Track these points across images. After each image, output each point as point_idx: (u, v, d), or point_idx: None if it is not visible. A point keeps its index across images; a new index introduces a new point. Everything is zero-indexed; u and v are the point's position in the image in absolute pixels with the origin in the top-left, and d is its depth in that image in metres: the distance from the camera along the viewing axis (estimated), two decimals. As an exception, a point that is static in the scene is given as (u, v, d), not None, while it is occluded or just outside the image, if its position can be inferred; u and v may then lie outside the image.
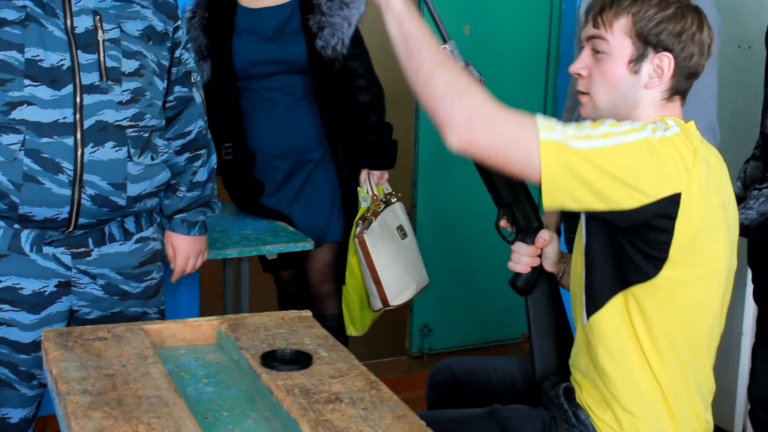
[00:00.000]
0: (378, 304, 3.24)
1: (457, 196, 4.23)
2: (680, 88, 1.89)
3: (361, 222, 3.23)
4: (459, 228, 4.26)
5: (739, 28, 3.20)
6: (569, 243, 3.27)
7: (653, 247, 1.76)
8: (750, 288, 2.84)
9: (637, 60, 1.85)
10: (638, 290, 1.82)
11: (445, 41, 2.03)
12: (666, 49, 1.84)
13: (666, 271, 1.78)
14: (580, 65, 1.92)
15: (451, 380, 2.31)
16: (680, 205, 1.73)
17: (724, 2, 3.11)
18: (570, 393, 1.97)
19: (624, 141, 1.73)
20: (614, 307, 1.85)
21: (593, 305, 1.88)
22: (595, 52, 1.89)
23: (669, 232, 1.74)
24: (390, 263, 3.22)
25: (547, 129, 1.73)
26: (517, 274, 2.13)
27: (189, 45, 2.48)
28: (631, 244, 1.77)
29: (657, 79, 1.86)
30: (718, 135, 2.85)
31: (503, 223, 2.14)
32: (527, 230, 2.10)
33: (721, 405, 3.35)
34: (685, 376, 1.87)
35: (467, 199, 4.24)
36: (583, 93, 1.94)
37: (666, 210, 1.73)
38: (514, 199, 2.09)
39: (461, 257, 4.25)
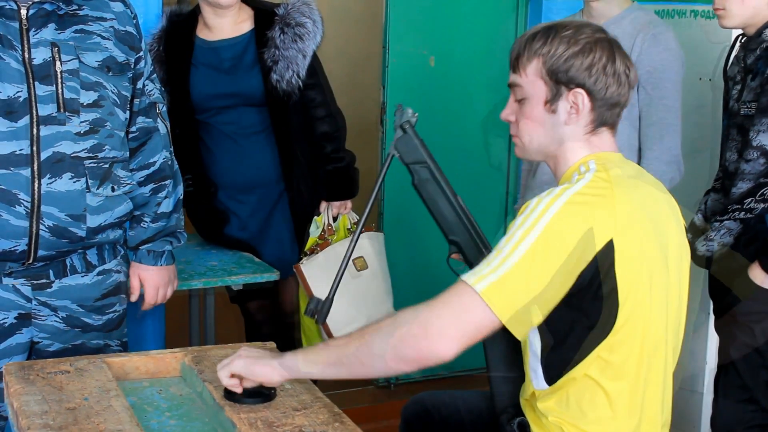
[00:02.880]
0: (325, 336, 3.24)
1: (423, 225, 4.22)
2: (604, 119, 1.90)
3: (309, 252, 3.23)
4: (425, 256, 4.26)
5: (699, 60, 3.25)
6: None
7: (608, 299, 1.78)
8: (713, 319, 2.87)
9: (552, 100, 1.88)
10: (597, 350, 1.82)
11: None
12: (578, 84, 1.86)
13: (619, 319, 1.79)
14: (508, 111, 1.97)
15: (422, 413, 2.30)
16: (615, 250, 1.75)
17: (684, 36, 3.16)
18: (524, 428, 1.97)
19: (530, 245, 1.73)
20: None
21: (550, 378, 1.88)
22: (516, 98, 1.94)
23: (614, 278, 1.76)
24: None
25: (479, 278, 1.76)
26: None
27: (154, 76, 2.48)
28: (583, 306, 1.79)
29: (575, 116, 1.88)
30: (682, 168, 2.88)
31: (455, 256, 2.15)
32: (477, 264, 2.10)
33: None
34: (637, 407, 1.88)
35: (434, 227, 4.23)
36: (513, 135, 1.99)
37: (606, 259, 1.75)
38: (461, 234, 2.11)
39: (428, 287, 4.21)
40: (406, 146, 2.12)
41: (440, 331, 1.74)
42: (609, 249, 1.75)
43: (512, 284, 1.73)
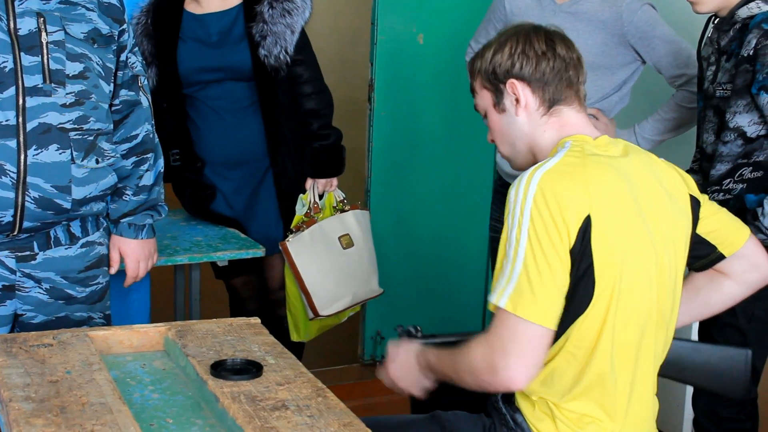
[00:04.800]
0: (310, 313, 3.24)
1: (410, 204, 4.25)
2: (553, 98, 1.95)
3: (295, 229, 3.23)
4: (412, 235, 4.28)
5: (685, 37, 3.24)
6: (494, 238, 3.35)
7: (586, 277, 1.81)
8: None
9: (497, 101, 2.00)
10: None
11: None
12: (509, 76, 1.95)
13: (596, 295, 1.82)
14: (489, 134, 2.08)
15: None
16: (592, 225, 1.77)
17: (668, 11, 3.17)
18: (509, 398, 1.99)
19: (523, 248, 1.78)
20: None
21: None
22: (484, 116, 2.06)
23: (590, 254, 1.78)
24: (318, 272, 3.22)
25: (509, 299, 1.79)
26: None
27: (136, 49, 2.47)
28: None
29: (521, 105, 1.96)
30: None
31: None
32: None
33: (669, 415, 3.39)
34: (624, 385, 1.89)
35: (421, 206, 4.26)
36: (500, 152, 2.09)
37: (585, 235, 1.77)
38: None
39: (415, 265, 4.26)
40: None
41: (504, 368, 1.80)
42: (587, 225, 1.77)
43: (531, 286, 1.77)
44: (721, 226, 2.07)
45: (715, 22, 2.69)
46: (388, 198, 4.19)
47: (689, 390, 3.25)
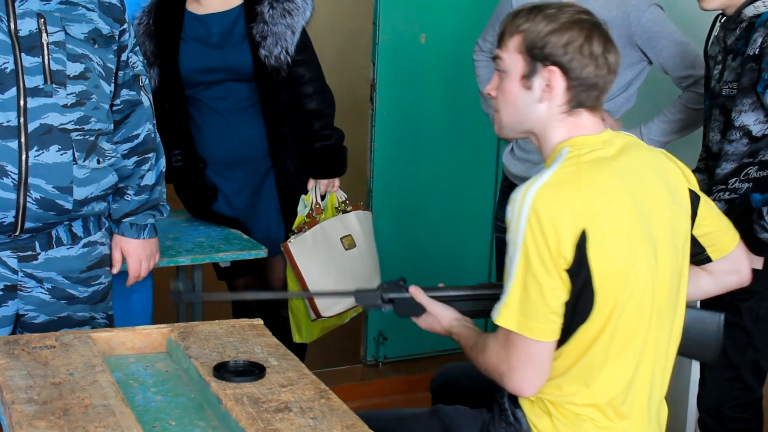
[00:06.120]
0: (312, 314, 3.23)
1: (413, 204, 4.24)
2: (581, 100, 1.90)
3: (297, 230, 3.22)
4: (415, 236, 4.27)
5: (691, 36, 3.23)
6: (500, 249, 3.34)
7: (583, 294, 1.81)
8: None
9: (528, 75, 1.89)
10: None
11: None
12: (554, 62, 1.87)
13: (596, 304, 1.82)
14: (491, 86, 1.98)
15: (445, 385, 2.37)
16: (588, 239, 1.77)
17: (675, 10, 3.16)
18: (516, 402, 1.99)
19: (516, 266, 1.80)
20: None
21: None
22: (499, 71, 1.95)
23: (588, 268, 1.79)
24: (320, 273, 3.21)
25: (506, 316, 1.82)
26: None
27: (137, 48, 2.47)
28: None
29: (549, 94, 1.89)
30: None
31: None
32: None
33: (674, 415, 3.38)
34: (621, 386, 1.90)
35: (423, 207, 4.25)
36: (495, 111, 2.00)
37: (581, 249, 1.77)
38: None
39: (417, 265, 4.25)
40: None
41: (510, 380, 1.86)
42: (583, 239, 1.76)
43: (525, 304, 1.79)
44: (715, 230, 2.08)
45: (722, 20, 2.68)
46: (391, 198, 4.18)
47: (694, 390, 3.24)
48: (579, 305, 1.81)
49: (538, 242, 1.76)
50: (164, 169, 2.55)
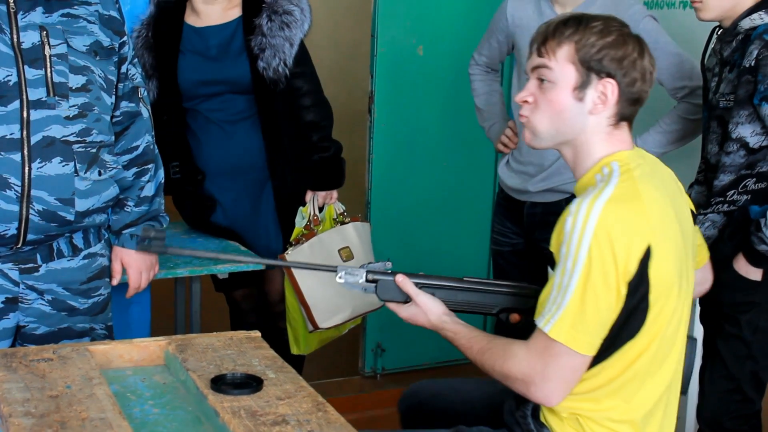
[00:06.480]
0: (310, 326, 3.23)
1: (411, 216, 4.24)
2: (625, 113, 1.91)
3: (294, 242, 3.22)
4: (413, 248, 4.26)
5: (689, 51, 3.25)
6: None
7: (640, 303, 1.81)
8: (699, 311, 2.87)
9: (581, 87, 1.88)
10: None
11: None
12: (609, 75, 1.86)
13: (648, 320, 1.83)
14: (526, 93, 1.94)
15: (416, 406, 2.32)
16: (651, 255, 1.78)
17: (673, 26, 3.17)
18: (536, 413, 1.98)
19: (578, 278, 1.78)
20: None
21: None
22: (541, 81, 1.92)
23: (647, 283, 1.79)
24: (317, 285, 3.21)
25: (555, 326, 1.80)
26: None
27: (135, 60, 2.47)
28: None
29: (601, 106, 1.88)
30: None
31: (514, 318, 2.13)
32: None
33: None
34: (655, 400, 1.91)
35: (421, 218, 4.25)
36: (523, 116, 1.97)
37: (644, 265, 1.78)
38: (496, 299, 2.12)
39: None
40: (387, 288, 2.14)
41: (541, 389, 1.85)
42: (647, 256, 1.77)
43: (579, 317, 1.78)
44: (701, 242, 2.15)
45: (719, 33, 2.69)
46: (389, 210, 4.18)
47: (693, 401, 3.24)
48: (631, 320, 1.81)
49: (605, 257, 1.75)
50: (163, 180, 2.56)
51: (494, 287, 2.10)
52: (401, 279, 2.09)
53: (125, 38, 2.41)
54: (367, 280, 2.11)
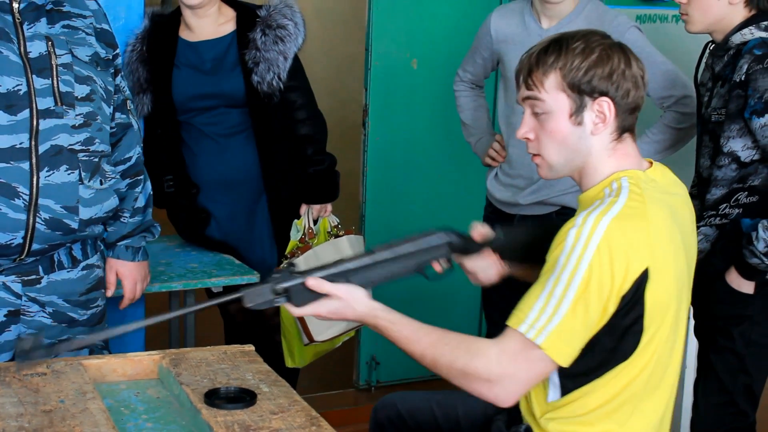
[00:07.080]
0: (305, 339, 3.23)
1: (405, 229, 4.21)
2: (626, 125, 1.90)
3: (289, 255, 3.22)
4: (407, 260, 4.26)
5: (682, 66, 3.26)
6: None
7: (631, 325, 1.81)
8: (692, 324, 2.88)
9: (577, 111, 1.86)
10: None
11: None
12: (602, 93, 1.85)
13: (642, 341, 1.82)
14: (525, 129, 1.93)
15: (394, 417, 2.29)
16: (648, 278, 1.78)
17: (666, 41, 3.18)
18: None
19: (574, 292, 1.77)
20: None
21: (566, 388, 1.89)
22: (535, 113, 1.91)
23: (642, 305, 1.79)
24: None
25: (538, 331, 1.77)
26: None
27: (123, 73, 2.50)
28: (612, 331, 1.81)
29: (602, 124, 1.87)
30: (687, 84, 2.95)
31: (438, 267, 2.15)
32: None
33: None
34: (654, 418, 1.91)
35: (414, 231, 4.25)
36: (535, 155, 1.95)
37: (639, 287, 1.78)
38: (412, 259, 2.17)
39: (408, 289, 4.24)
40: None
41: (505, 390, 1.81)
42: (643, 277, 1.77)
43: (570, 330, 1.77)
44: None
45: (711, 48, 2.71)
46: (383, 223, 4.18)
47: (687, 415, 3.24)
48: (623, 342, 1.80)
49: (604, 271, 1.74)
50: (151, 192, 2.57)
51: (406, 246, 2.09)
52: (312, 281, 1.93)
53: (117, 50, 2.43)
54: (276, 293, 1.94)
